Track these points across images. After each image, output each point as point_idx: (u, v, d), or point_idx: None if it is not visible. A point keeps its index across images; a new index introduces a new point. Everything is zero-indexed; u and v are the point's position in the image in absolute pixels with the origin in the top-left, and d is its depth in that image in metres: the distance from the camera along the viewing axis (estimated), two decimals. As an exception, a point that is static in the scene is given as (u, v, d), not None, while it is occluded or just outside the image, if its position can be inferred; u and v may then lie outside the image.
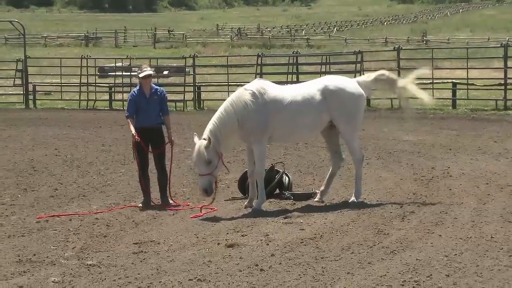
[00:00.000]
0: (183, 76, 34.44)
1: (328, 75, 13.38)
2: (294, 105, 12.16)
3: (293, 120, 12.18)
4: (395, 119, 25.59)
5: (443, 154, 17.51)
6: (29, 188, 14.47)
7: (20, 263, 9.28)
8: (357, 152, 12.62)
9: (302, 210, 12.11)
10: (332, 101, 12.24)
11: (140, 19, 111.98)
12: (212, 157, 11.83)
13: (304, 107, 12.17)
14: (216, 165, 11.91)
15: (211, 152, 11.82)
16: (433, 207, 11.96)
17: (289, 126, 12.25)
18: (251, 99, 12.03)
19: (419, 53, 44.83)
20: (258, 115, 12.00)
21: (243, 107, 11.99)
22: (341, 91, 12.34)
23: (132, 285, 8.31)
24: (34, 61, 38.21)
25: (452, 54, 41.86)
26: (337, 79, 12.71)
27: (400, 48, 31.84)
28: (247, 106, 11.98)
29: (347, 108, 12.30)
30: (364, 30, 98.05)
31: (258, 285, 8.19)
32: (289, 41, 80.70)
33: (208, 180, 11.89)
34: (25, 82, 33.73)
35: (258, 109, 12.01)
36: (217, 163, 11.91)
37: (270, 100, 12.12)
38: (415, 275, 8.33)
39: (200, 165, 11.92)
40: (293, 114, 12.15)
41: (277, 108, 12.10)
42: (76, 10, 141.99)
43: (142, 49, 72.84)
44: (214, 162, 11.87)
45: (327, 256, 9.27)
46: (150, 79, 12.95)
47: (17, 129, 24.57)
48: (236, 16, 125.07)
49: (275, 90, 12.31)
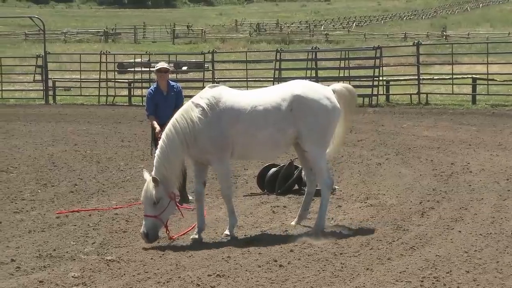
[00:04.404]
0: (201, 71, 34.46)
1: (298, 80, 11.13)
2: (253, 116, 10.20)
3: (252, 134, 10.25)
4: (414, 114, 25.53)
5: (462, 150, 17.42)
6: (49, 184, 14.53)
7: (40, 258, 9.33)
8: (325, 174, 10.61)
9: (321, 206, 12.08)
10: (300, 114, 10.26)
11: (159, 15, 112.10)
12: (160, 197, 10.00)
13: (264, 119, 10.21)
14: (165, 207, 10.04)
15: (160, 191, 9.99)
16: (453, 203, 11.91)
17: (247, 141, 10.30)
18: (199, 116, 10.10)
19: (439, 48, 44.70)
20: (210, 130, 10.09)
21: (189, 127, 10.08)
22: (312, 102, 10.32)
23: (151, 281, 8.34)
24: (54, 57, 38.39)
25: (472, 49, 41.70)
26: (308, 87, 10.64)
27: (419, 43, 31.64)
28: (193, 124, 10.08)
29: (318, 124, 10.34)
30: (384, 25, 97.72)
31: (277, 281, 8.19)
32: (308, 36, 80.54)
33: (153, 223, 9.94)
34: (45, 78, 33.84)
35: (210, 123, 10.09)
36: (166, 204, 10.03)
37: (225, 110, 10.16)
38: (434, 271, 8.30)
39: (145, 204, 10.07)
40: (251, 127, 10.21)
41: (232, 119, 10.16)
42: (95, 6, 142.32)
43: (161, 45, 72.94)
44: (163, 203, 10.01)
45: (346, 252, 9.26)
46: (167, 75, 12.94)
47: (37, 125, 24.67)
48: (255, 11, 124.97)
49: (231, 98, 10.30)
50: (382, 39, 71.23)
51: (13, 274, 8.70)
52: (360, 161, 16.26)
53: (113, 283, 8.29)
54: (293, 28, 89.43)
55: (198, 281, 8.22)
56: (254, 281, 8.20)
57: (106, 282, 8.35)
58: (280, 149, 10.85)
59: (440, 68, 35.71)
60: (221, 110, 10.16)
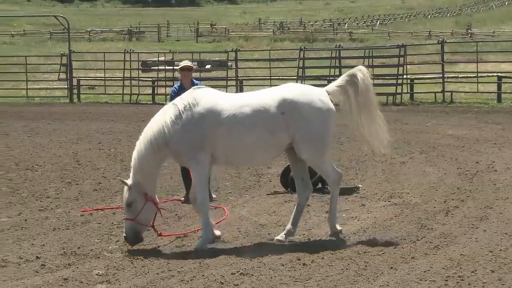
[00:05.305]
0: (225, 70, 34.52)
1: (290, 83, 10.53)
2: (238, 119, 9.62)
3: (236, 137, 9.66)
4: (438, 113, 25.41)
5: (487, 149, 17.32)
6: (73, 182, 14.61)
7: (64, 256, 9.38)
8: (331, 173, 10.01)
9: (345, 204, 12.06)
10: (292, 118, 9.63)
11: (182, 13, 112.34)
12: (133, 199, 9.75)
13: (251, 121, 9.61)
14: (140, 209, 9.75)
15: (133, 194, 9.75)
16: (478, 202, 11.84)
17: (231, 144, 9.69)
18: (173, 119, 9.71)
19: (464, 46, 44.39)
20: (183, 132, 9.64)
21: (162, 128, 9.76)
22: (304, 105, 9.69)
23: (175, 279, 8.35)
24: (78, 56, 38.56)
25: (497, 47, 41.34)
26: (300, 89, 10.07)
27: (444, 41, 31.51)
28: (165, 126, 9.73)
29: (312, 128, 9.69)
30: (408, 23, 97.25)
31: (300, 279, 8.18)
32: (331, 34, 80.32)
33: (130, 226, 9.71)
34: (69, 77, 34.04)
35: (184, 124, 9.64)
36: (140, 207, 9.75)
37: (205, 112, 9.64)
38: (459, 271, 8.26)
39: (125, 207, 9.93)
40: (235, 129, 9.61)
41: (212, 121, 9.62)
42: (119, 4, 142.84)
43: (185, 43, 73.10)
44: (137, 206, 9.75)
45: (370, 250, 9.23)
46: (190, 73, 12.96)
47: (61, 123, 24.81)
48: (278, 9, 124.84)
49: (213, 99, 9.78)
50: (406, 37, 70.92)
51: (38, 271, 8.75)
52: (384, 159, 16.20)
53: (137, 281, 8.32)
54: (316, 27, 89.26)
55: (221, 279, 8.23)
56: (278, 280, 8.20)
57: (130, 280, 8.37)
58: (271, 154, 9.95)
59: (464, 67, 35.52)
60: (199, 111, 9.66)
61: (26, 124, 24.37)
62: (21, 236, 10.47)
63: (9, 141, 20.38)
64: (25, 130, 23.00)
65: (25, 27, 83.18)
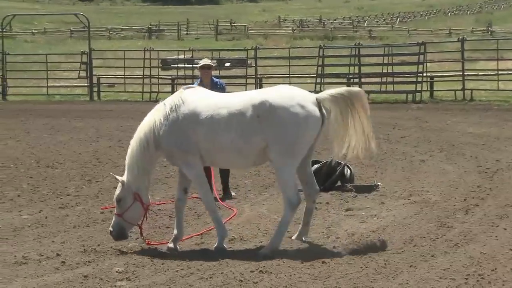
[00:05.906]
0: (244, 68, 34.49)
1: (280, 85, 9.97)
2: (214, 120, 9.41)
3: (212, 139, 9.46)
4: (458, 111, 25.30)
5: (508, 147, 17.23)
6: (93, 179, 14.68)
7: (85, 253, 9.44)
8: (290, 191, 9.31)
9: (364, 202, 12.05)
10: (267, 122, 9.22)
11: (202, 12, 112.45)
12: (123, 196, 9.71)
13: (226, 124, 9.35)
14: (128, 207, 9.68)
15: (124, 191, 9.73)
16: (498, 200, 11.79)
17: (209, 146, 9.51)
18: (161, 120, 9.73)
19: (484, 44, 44.15)
20: (170, 133, 9.62)
21: (153, 128, 9.79)
22: (281, 109, 9.20)
23: (194, 276, 8.38)
24: (99, 54, 38.67)
25: (518, 45, 41.10)
26: (283, 93, 9.50)
27: (464, 39, 31.34)
28: (155, 126, 9.77)
29: (285, 134, 9.20)
30: (428, 21, 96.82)
31: (320, 277, 8.18)
32: (351, 32, 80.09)
33: (116, 222, 9.69)
34: (89, 75, 34.14)
35: (170, 125, 9.64)
36: (128, 205, 9.69)
37: (187, 114, 9.56)
38: (479, 269, 8.23)
39: (115, 202, 9.91)
40: (210, 131, 9.43)
41: (192, 122, 9.51)
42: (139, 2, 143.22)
43: (204, 41, 73.13)
44: (125, 203, 9.70)
45: (390, 249, 9.22)
46: (210, 72, 12.98)
47: (81, 121, 24.90)
48: (297, 7, 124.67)
49: (197, 100, 9.66)
50: (426, 35, 70.58)
51: (58, 268, 8.81)
52: (404, 157, 16.16)
53: (156, 278, 8.35)
54: (336, 24, 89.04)
55: (240, 277, 8.24)
56: (297, 278, 8.20)
57: (150, 277, 8.41)
58: (247, 159, 9.56)
59: (485, 64, 35.29)
60: (183, 113, 9.60)
61: (47, 122, 24.49)
62: (41, 233, 10.55)
63: (30, 139, 20.50)
64: (46, 127, 23.11)
65: (45, 25, 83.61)
